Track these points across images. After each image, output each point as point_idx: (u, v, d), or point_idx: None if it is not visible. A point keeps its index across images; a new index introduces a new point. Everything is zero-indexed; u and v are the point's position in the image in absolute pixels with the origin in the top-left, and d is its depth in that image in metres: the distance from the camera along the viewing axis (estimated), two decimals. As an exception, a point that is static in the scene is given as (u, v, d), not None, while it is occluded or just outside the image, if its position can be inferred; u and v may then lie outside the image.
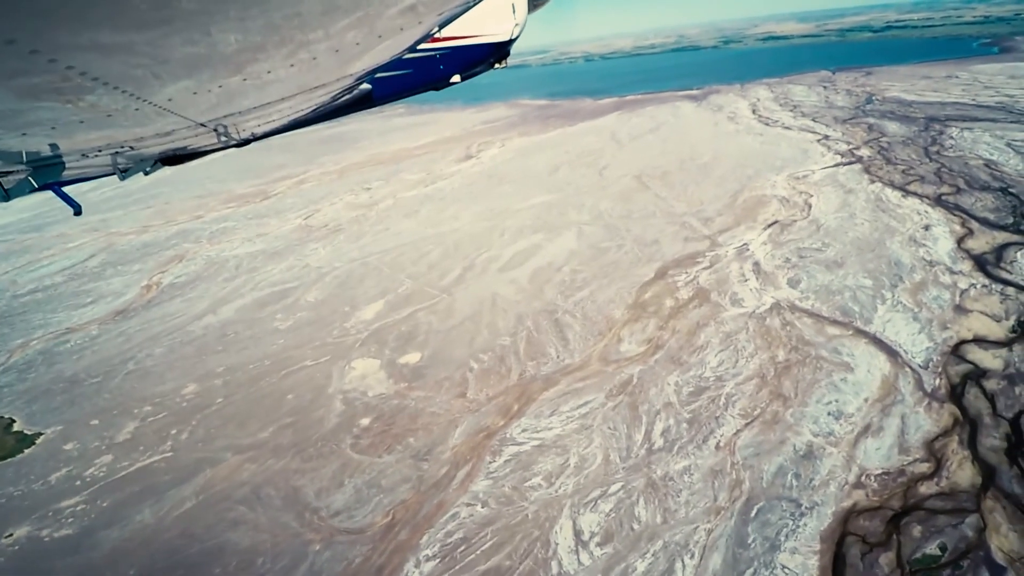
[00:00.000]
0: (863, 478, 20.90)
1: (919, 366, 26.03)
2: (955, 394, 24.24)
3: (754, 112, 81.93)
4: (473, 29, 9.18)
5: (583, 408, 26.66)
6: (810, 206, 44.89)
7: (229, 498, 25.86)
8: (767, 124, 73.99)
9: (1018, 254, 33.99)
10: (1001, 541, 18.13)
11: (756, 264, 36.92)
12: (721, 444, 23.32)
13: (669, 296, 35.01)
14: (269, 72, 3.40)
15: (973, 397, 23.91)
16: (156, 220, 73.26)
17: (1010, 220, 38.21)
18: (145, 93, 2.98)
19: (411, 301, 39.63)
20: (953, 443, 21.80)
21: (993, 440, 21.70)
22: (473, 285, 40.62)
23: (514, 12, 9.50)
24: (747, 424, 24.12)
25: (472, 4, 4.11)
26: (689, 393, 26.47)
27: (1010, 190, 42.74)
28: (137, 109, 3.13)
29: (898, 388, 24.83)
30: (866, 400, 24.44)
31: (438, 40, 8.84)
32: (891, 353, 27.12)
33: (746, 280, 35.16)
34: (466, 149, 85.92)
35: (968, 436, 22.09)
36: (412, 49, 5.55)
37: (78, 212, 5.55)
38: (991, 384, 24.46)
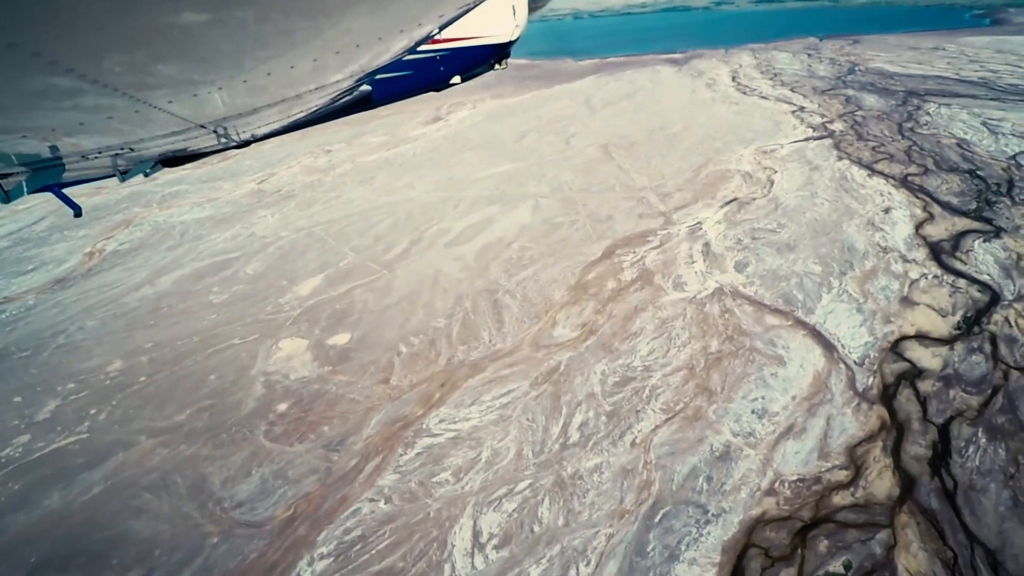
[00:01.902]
0: (777, 484, 19.93)
1: (854, 363, 24.93)
2: (887, 395, 23.22)
3: (734, 79, 79.00)
4: (474, 30, 9.11)
5: (505, 398, 25.44)
6: (772, 183, 43.17)
7: (137, 484, 24.72)
8: (744, 93, 71.33)
9: (975, 243, 32.70)
10: (909, 561, 17.26)
11: (706, 245, 35.40)
12: (637, 441, 22.25)
13: (612, 277, 33.53)
14: (269, 75, 3.37)
15: (905, 399, 22.90)
16: (109, 183, 70.03)
17: (973, 206, 36.80)
18: (145, 96, 2.94)
19: (350, 276, 37.91)
20: (876, 450, 20.82)
21: (918, 448, 20.74)
22: (417, 261, 38.91)
23: (515, 14, 9.41)
24: (667, 420, 23.02)
25: (473, 6, 4.09)
26: (614, 384, 25.28)
27: (978, 172, 41.21)
28: (137, 111, 3.10)
29: (829, 386, 23.75)
30: (794, 398, 23.36)
31: (439, 41, 8.77)
32: (828, 347, 25.97)
33: (693, 262, 33.70)
34: (436, 110, 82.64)
35: (893, 442, 21.14)
36: (412, 51, 5.60)
37: (78, 214, 5.43)
38: (926, 386, 23.42)
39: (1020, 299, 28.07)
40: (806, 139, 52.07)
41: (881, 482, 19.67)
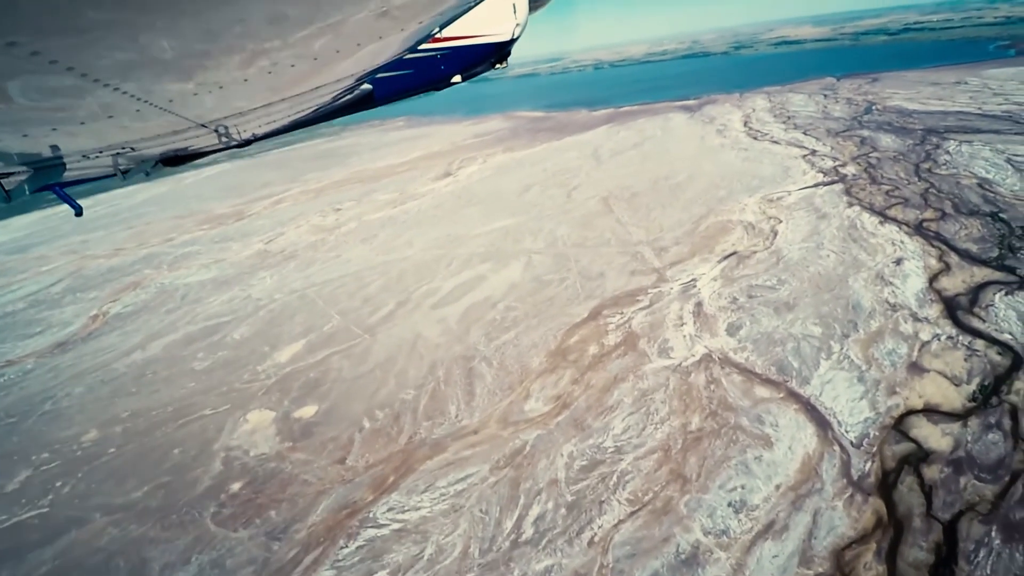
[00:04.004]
0: (748, 597, 17.15)
1: (851, 443, 22.00)
2: (886, 484, 20.20)
3: (745, 124, 77.07)
4: (474, 29, 9.04)
5: (461, 484, 23.37)
6: (776, 234, 40.62)
7: (81, 566, 23.84)
8: (755, 138, 69.20)
9: (996, 296, 29.47)
10: None
11: (698, 305, 33.02)
12: (596, 539, 19.78)
13: (595, 341, 31.45)
14: (270, 73, 3.35)
15: (907, 489, 19.85)
16: (130, 243, 72.67)
17: (994, 253, 33.52)
18: (146, 94, 2.93)
19: (331, 342, 36.89)
20: (868, 554, 17.84)
21: (918, 552, 17.68)
22: (400, 324, 37.67)
23: (515, 12, 9.36)
24: (633, 513, 20.51)
25: (473, 4, 4.11)
26: (580, 468, 22.95)
27: (1001, 215, 37.89)
28: (138, 110, 3.08)
29: (819, 473, 20.89)
30: (777, 488, 20.58)
31: (439, 40, 8.74)
32: (822, 425, 23.12)
33: (682, 324, 31.35)
34: (447, 166, 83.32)
35: (889, 544, 18.11)
36: (413, 49, 5.66)
37: (79, 213, 5.44)
38: (932, 472, 20.34)
39: (1049, 363, 24.77)
40: (815, 185, 49.39)
41: (872, 597, 16.70)
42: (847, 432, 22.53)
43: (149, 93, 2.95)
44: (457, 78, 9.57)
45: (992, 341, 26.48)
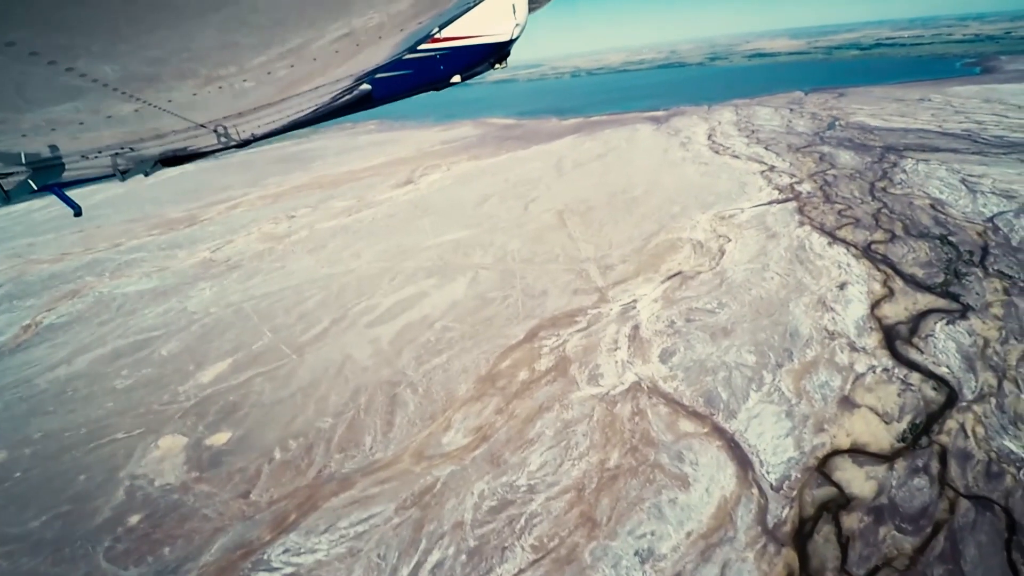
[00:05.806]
0: (641, 664, 15.87)
1: (771, 486, 20.91)
2: (802, 533, 19.10)
3: (709, 138, 76.60)
4: (473, 29, 9.00)
5: (363, 525, 21.87)
6: (723, 254, 39.70)
7: (-41, 608, 22.02)
8: (717, 152, 68.66)
9: (937, 326, 28.73)
10: None
11: (635, 328, 31.87)
12: (493, 593, 18.40)
13: (527, 366, 30.14)
14: (269, 73, 3.33)
15: (822, 540, 18.77)
16: (76, 247, 69.92)
17: (940, 279, 32.88)
18: (144, 95, 2.93)
19: (257, 362, 35.13)
20: (773, 612, 16.69)
21: (825, 611, 16.57)
22: (330, 344, 36.02)
23: (514, 12, 9.33)
24: (535, 561, 19.18)
25: (473, 5, 4.15)
26: (489, 509, 21.57)
27: (950, 238, 37.37)
28: (137, 111, 3.08)
29: (734, 520, 19.73)
30: (688, 535, 19.38)
31: (438, 40, 8.70)
32: (743, 464, 22.01)
33: (616, 349, 30.17)
34: (410, 172, 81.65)
35: (796, 601, 16.98)
36: (412, 49, 5.91)
37: (78, 213, 5.26)
38: (851, 520, 19.29)
39: (981, 398, 23.94)
40: (769, 202, 48.68)
41: (772, 665, 15.51)
42: (768, 473, 21.44)
43: (148, 94, 2.90)
44: (456, 78, 9.52)
45: (928, 375, 25.66)
